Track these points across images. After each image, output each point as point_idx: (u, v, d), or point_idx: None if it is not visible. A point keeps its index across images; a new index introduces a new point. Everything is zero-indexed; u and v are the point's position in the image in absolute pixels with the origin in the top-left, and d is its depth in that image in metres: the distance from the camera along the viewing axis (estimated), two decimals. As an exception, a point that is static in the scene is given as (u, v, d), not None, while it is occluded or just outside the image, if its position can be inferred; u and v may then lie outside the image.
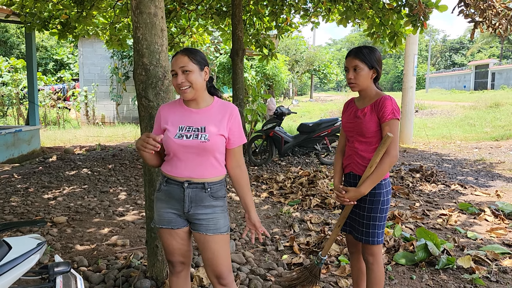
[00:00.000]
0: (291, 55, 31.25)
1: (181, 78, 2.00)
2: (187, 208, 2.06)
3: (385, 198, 2.33)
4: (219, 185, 2.08)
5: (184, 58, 2.01)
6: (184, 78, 2.00)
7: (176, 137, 2.02)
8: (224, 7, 8.81)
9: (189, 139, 2.00)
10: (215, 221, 2.06)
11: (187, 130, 2.03)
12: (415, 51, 10.52)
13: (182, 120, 2.07)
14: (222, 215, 2.09)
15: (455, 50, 60.15)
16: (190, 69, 2.00)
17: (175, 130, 2.04)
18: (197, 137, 2.00)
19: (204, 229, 2.06)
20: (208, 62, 2.11)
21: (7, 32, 25.61)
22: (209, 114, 2.07)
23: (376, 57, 2.30)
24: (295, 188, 5.91)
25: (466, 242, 3.91)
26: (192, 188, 2.04)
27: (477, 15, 5.53)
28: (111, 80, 15.56)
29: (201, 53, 2.08)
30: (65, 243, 3.92)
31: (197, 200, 2.05)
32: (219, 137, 2.02)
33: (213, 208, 2.06)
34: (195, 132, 2.02)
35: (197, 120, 2.05)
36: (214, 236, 2.06)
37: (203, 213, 2.05)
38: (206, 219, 2.05)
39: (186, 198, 2.05)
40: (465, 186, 6.17)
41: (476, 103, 19.08)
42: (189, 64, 2.00)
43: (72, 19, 7.17)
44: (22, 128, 8.95)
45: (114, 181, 6.55)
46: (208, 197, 2.05)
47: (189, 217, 2.09)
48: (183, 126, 2.05)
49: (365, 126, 2.29)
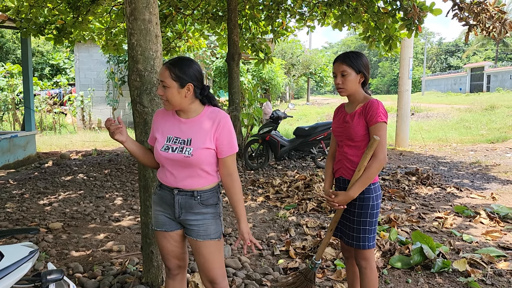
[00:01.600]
0: (287, 58, 31.33)
1: (160, 91, 2.00)
2: (177, 213, 2.08)
3: (374, 203, 2.34)
4: (210, 193, 2.08)
5: (165, 72, 1.96)
6: (162, 91, 1.99)
7: (163, 150, 2.03)
8: (220, 12, 8.84)
9: (174, 152, 2.00)
10: (205, 227, 2.07)
11: (173, 141, 2.03)
12: (411, 54, 10.57)
13: (170, 130, 2.07)
14: (213, 222, 2.09)
15: (450, 53, 60.43)
16: (167, 85, 1.96)
17: (163, 141, 2.05)
18: (182, 150, 1.99)
19: (195, 235, 2.08)
20: (197, 77, 2.01)
21: (3, 38, 25.58)
22: (197, 124, 2.04)
23: (363, 62, 2.32)
24: (291, 192, 5.91)
25: (462, 245, 3.91)
26: (182, 195, 2.06)
27: (471, 19, 5.57)
28: (107, 85, 15.54)
29: (187, 68, 1.98)
30: (61, 249, 3.91)
31: (187, 207, 2.06)
32: (204, 151, 1.99)
33: (204, 215, 2.07)
34: (180, 144, 2.01)
35: (185, 131, 2.04)
36: (205, 242, 2.07)
37: (194, 219, 2.07)
38: (197, 225, 2.07)
39: (176, 205, 2.07)
40: (461, 189, 6.19)
41: (471, 106, 19.16)
42: (166, 80, 1.95)
43: (68, 24, 7.18)
44: (18, 133, 8.93)
45: (110, 187, 6.54)
46: (198, 205, 2.05)
47: (181, 222, 2.12)
48: (171, 136, 2.05)
49: (354, 130, 2.31)
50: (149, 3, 2.65)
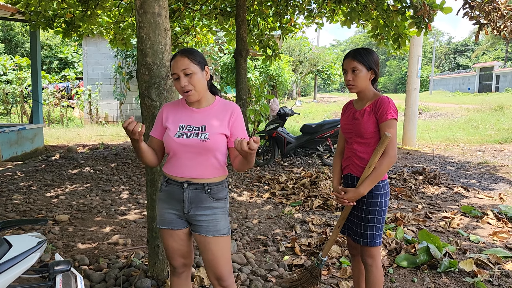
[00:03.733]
0: (294, 55, 31.22)
1: (184, 81, 1.96)
2: (187, 209, 2.04)
3: (383, 200, 2.32)
4: (219, 186, 2.06)
5: (184, 60, 1.96)
6: (187, 81, 1.96)
7: (176, 136, 2.00)
8: (228, 7, 8.82)
9: (189, 138, 1.98)
10: (215, 222, 2.04)
11: (187, 129, 2.01)
12: (419, 53, 10.49)
13: (182, 119, 2.06)
14: (222, 217, 2.07)
15: (459, 52, 59.97)
16: (192, 71, 1.96)
17: (175, 129, 2.03)
18: (197, 136, 1.98)
19: (204, 231, 2.04)
20: (206, 61, 2.08)
21: (12, 31, 25.74)
22: (210, 113, 2.05)
23: (374, 59, 2.31)
24: (297, 189, 5.90)
25: (469, 246, 3.89)
26: (191, 189, 2.03)
27: (482, 17, 5.51)
28: (114, 79, 15.58)
29: (199, 53, 2.05)
30: (67, 241, 3.93)
31: (197, 201, 2.03)
32: (220, 136, 2.00)
33: (213, 209, 2.04)
34: (195, 131, 2.00)
35: (198, 119, 2.04)
36: (214, 238, 2.04)
37: (203, 214, 2.04)
38: (206, 221, 2.04)
39: (185, 199, 2.03)
40: (468, 189, 6.14)
41: (480, 106, 19.02)
42: (190, 65, 1.96)
43: (77, 18, 7.19)
44: (25, 126, 8.98)
45: (117, 180, 6.56)
46: (208, 198, 2.03)
47: (189, 218, 2.08)
48: (183, 125, 2.03)
49: (363, 127, 2.30)
50: (159, -4, 2.65)
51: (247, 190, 6.09)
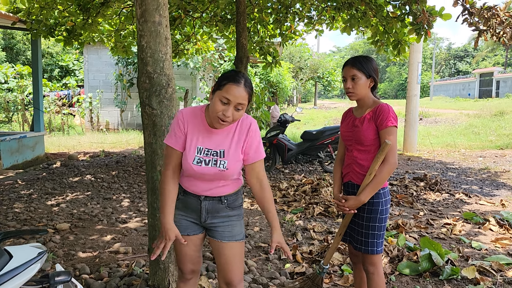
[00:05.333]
0: (295, 62, 31.33)
1: (230, 112, 1.86)
2: (204, 218, 2.09)
3: (383, 208, 2.32)
4: (235, 196, 2.11)
5: (246, 95, 1.88)
6: (232, 112, 1.86)
7: (195, 163, 1.95)
8: (229, 15, 8.86)
9: (208, 165, 1.94)
10: (231, 228, 2.09)
11: (205, 153, 1.96)
12: (419, 59, 10.52)
13: (200, 139, 1.98)
14: (238, 223, 2.12)
15: (459, 58, 60.11)
16: (243, 107, 1.89)
17: (193, 153, 1.96)
18: (215, 164, 1.95)
19: (220, 236, 2.09)
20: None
21: (13, 39, 25.86)
22: (229, 134, 2.00)
23: (373, 66, 2.32)
24: (298, 196, 5.89)
25: (471, 252, 3.87)
26: (209, 200, 2.06)
27: (481, 24, 5.52)
28: (115, 87, 15.62)
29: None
30: (68, 250, 3.92)
31: (213, 211, 2.07)
32: (238, 163, 1.99)
33: (229, 217, 2.09)
34: (214, 156, 1.95)
35: (217, 141, 1.98)
36: (229, 243, 2.09)
37: (219, 221, 2.09)
38: (222, 227, 2.09)
39: (203, 210, 2.07)
40: (470, 195, 6.13)
41: (480, 111, 19.01)
42: (246, 101, 1.89)
43: (78, 26, 7.23)
44: (26, 134, 8.99)
45: (117, 188, 6.56)
46: (225, 208, 2.08)
47: (206, 225, 2.12)
48: (201, 147, 1.97)
49: (363, 134, 2.30)
50: (159, 5, 2.66)
51: (248, 197, 6.08)
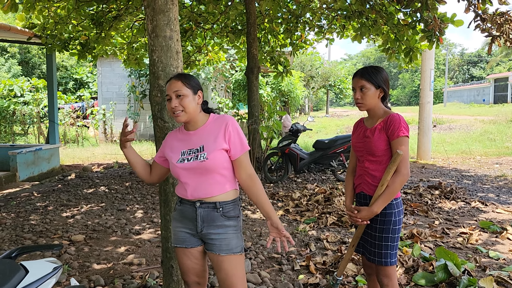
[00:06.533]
0: (306, 71, 31.35)
1: (174, 103, 2.06)
2: (199, 227, 2.09)
3: (396, 218, 2.30)
4: (231, 205, 2.11)
5: (177, 83, 2.09)
6: (177, 102, 2.06)
7: (179, 162, 2.10)
8: (239, 26, 8.94)
9: (190, 161, 2.07)
10: (228, 241, 2.08)
11: (188, 153, 2.11)
12: (432, 66, 10.44)
13: (183, 145, 2.15)
14: (235, 235, 2.11)
15: (473, 64, 59.49)
16: (183, 94, 2.07)
17: (177, 156, 2.13)
18: (196, 158, 2.06)
19: (217, 249, 2.08)
20: (201, 87, 2.18)
21: (29, 53, 26.42)
22: (205, 131, 2.13)
23: (383, 77, 2.31)
24: (311, 206, 5.86)
25: (488, 262, 3.80)
26: (204, 207, 2.08)
27: (494, 30, 5.47)
28: (128, 98, 15.81)
29: (194, 78, 2.16)
30: (82, 261, 3.95)
31: (209, 219, 2.08)
32: (219, 152, 2.05)
33: (226, 228, 2.08)
34: (195, 153, 2.08)
35: (196, 141, 2.12)
36: (227, 256, 2.08)
37: (216, 233, 2.08)
38: (219, 239, 2.08)
39: (198, 218, 2.09)
40: (486, 203, 6.02)
41: (496, 117, 18.75)
42: (182, 88, 2.07)
43: (91, 40, 7.37)
44: (42, 146, 9.14)
45: (131, 199, 6.61)
46: (220, 217, 2.08)
47: (203, 237, 2.12)
48: (184, 150, 2.13)
49: (375, 145, 2.29)
50: (170, 20, 2.70)
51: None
